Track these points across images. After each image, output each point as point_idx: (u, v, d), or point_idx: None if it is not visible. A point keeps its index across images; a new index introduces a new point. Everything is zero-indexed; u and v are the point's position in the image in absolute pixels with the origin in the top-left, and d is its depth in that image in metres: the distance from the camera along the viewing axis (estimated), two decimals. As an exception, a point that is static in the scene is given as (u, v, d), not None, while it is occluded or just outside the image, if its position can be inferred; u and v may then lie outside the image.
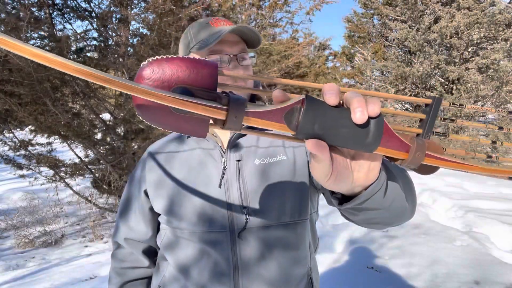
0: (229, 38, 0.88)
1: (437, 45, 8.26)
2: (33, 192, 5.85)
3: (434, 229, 3.83)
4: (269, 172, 0.90)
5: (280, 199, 0.89)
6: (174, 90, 0.35)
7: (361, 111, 0.36)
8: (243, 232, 0.85)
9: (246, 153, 0.92)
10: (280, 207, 0.88)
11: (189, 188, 0.89)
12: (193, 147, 0.94)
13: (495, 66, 7.27)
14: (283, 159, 0.92)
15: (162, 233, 0.95)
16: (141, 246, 1.03)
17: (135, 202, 0.99)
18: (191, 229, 0.87)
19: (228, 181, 0.88)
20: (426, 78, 8.66)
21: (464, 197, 4.93)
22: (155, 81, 0.35)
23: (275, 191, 0.89)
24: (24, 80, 3.42)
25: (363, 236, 3.75)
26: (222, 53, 0.88)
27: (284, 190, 0.89)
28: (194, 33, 0.91)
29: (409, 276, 2.83)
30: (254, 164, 0.90)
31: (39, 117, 3.72)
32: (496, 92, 7.69)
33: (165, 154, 0.96)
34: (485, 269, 2.83)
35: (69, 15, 4.26)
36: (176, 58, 0.36)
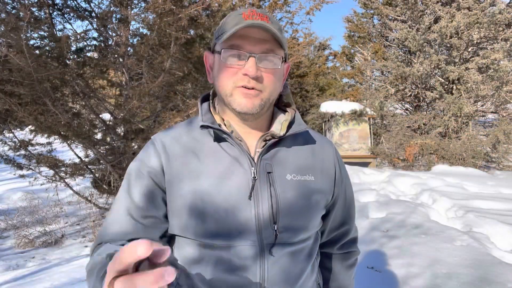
0: (253, 34, 0.79)
1: (437, 45, 8.26)
2: (33, 192, 5.85)
3: (434, 229, 3.83)
4: (299, 189, 0.86)
5: (307, 218, 0.86)
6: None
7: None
8: (273, 248, 0.81)
9: (277, 166, 0.86)
10: (306, 225, 0.86)
11: (215, 196, 0.80)
12: (215, 149, 0.85)
13: (495, 66, 7.26)
14: (312, 179, 0.89)
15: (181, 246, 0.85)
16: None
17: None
18: (217, 243, 0.80)
19: (259, 193, 0.82)
20: (426, 78, 8.66)
21: (464, 197, 4.93)
22: None
23: (304, 210, 0.86)
24: (24, 80, 3.42)
25: (363, 236, 3.75)
26: (240, 49, 0.79)
27: (311, 210, 0.87)
28: (223, 22, 0.84)
29: (409, 276, 2.82)
30: (285, 179, 0.85)
31: (39, 117, 3.72)
32: (496, 92, 7.68)
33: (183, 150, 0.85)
34: (485, 269, 2.82)
35: (69, 15, 4.26)
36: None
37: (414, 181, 5.99)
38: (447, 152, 7.05)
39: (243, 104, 0.80)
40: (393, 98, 9.41)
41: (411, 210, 4.53)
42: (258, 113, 0.82)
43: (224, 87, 0.81)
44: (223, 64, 0.81)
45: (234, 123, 0.87)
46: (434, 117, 8.36)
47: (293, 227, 0.84)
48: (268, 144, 0.84)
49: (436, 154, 7.22)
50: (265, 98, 0.81)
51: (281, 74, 0.85)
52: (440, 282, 2.69)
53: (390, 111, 9.16)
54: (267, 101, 0.82)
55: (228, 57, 0.79)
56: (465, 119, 8.10)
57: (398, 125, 8.46)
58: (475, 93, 8.03)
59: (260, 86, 0.81)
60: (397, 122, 8.47)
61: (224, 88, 0.82)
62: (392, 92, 9.36)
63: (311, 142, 0.94)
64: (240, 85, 0.79)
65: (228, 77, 0.80)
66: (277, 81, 0.84)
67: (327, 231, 0.99)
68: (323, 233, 0.99)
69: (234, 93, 0.81)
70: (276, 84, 0.84)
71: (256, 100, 0.80)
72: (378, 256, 3.26)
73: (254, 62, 0.79)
